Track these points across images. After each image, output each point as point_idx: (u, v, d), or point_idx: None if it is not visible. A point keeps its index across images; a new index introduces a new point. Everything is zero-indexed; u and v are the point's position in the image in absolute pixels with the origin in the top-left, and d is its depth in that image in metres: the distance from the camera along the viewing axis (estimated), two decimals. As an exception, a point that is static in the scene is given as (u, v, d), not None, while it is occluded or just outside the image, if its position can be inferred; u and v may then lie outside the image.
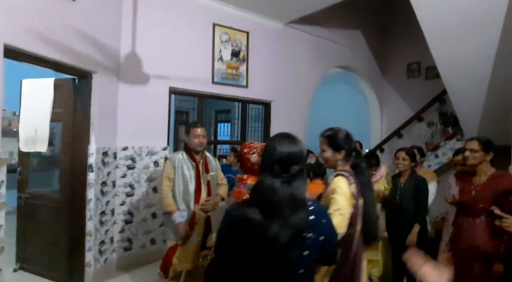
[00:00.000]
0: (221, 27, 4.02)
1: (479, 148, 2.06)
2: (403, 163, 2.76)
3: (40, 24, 2.28)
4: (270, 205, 1.05)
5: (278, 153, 1.10)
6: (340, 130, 1.64)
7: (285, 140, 1.13)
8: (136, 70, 3.41)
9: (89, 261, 2.93)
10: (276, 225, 1.02)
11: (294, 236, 1.03)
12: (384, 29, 6.39)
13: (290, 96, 4.80)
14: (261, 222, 1.03)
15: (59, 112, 2.96)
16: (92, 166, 2.92)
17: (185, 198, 2.47)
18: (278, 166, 1.09)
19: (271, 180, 1.07)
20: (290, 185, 1.07)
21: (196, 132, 2.49)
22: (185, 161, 2.52)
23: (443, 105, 5.20)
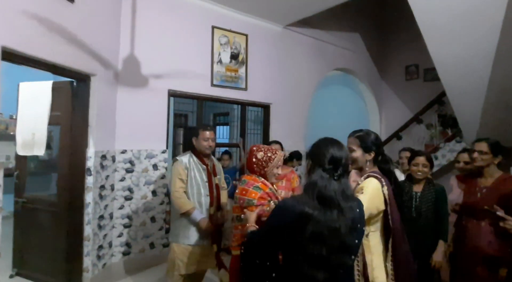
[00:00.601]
0: (220, 29, 4.01)
1: (488, 150, 2.04)
2: (423, 170, 2.28)
3: (38, 26, 2.26)
4: (329, 199, 1.18)
5: (331, 154, 1.24)
6: (370, 132, 1.70)
7: (335, 144, 1.29)
8: (135, 73, 3.39)
9: (87, 266, 2.89)
10: (335, 217, 1.16)
11: (351, 226, 1.19)
12: (383, 31, 6.42)
13: (289, 98, 4.79)
14: (323, 217, 1.16)
15: (57, 116, 2.93)
16: (91, 170, 2.88)
17: (199, 201, 2.42)
18: (331, 165, 1.23)
19: (326, 177, 1.21)
20: (341, 182, 1.23)
21: (206, 135, 2.44)
22: (196, 163, 2.47)
23: (442, 107, 5.22)
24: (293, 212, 1.18)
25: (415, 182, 2.35)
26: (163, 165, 3.60)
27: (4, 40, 2.02)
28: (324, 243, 1.14)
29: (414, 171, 2.33)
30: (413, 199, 2.31)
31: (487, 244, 1.96)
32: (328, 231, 1.14)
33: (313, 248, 1.14)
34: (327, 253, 1.14)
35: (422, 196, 2.28)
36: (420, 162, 2.30)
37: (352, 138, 1.68)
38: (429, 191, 2.28)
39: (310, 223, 1.15)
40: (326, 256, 1.15)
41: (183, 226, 2.40)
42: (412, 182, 2.38)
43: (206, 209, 2.43)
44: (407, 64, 6.12)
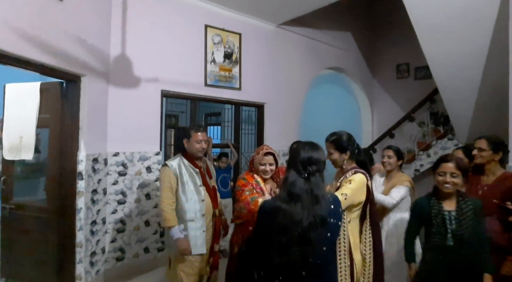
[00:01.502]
0: (213, 28, 3.94)
1: (487, 147, 2.03)
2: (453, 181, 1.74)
3: (25, 25, 2.16)
4: (293, 195, 1.33)
5: (302, 156, 1.40)
6: (343, 134, 1.86)
7: (307, 146, 1.44)
8: (126, 73, 3.29)
9: (79, 273, 2.79)
10: (299, 210, 1.30)
11: (316, 222, 1.31)
12: (374, 30, 6.46)
13: (283, 98, 4.76)
14: (288, 209, 1.32)
15: (46, 118, 2.81)
16: (82, 173, 2.78)
17: (193, 207, 2.25)
18: (301, 166, 1.38)
19: (294, 176, 1.38)
20: (309, 181, 1.36)
21: (198, 137, 2.26)
22: (187, 167, 2.30)
23: (433, 104, 5.27)
24: (266, 206, 1.40)
25: (443, 197, 1.78)
26: (157, 167, 3.51)
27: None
28: (286, 234, 1.30)
29: (440, 182, 1.76)
30: (446, 221, 1.73)
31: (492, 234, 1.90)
32: (291, 222, 1.30)
33: (278, 238, 1.30)
34: (288, 243, 1.30)
35: (460, 216, 1.72)
36: (449, 169, 1.73)
37: (328, 143, 1.87)
38: (467, 207, 1.73)
39: (279, 215, 1.32)
40: (286, 246, 1.30)
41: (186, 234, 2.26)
42: (438, 197, 1.80)
43: (202, 214, 2.27)
44: (398, 63, 6.16)
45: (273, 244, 1.31)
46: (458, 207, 1.75)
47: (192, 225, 2.25)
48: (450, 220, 1.73)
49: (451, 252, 1.72)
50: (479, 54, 3.46)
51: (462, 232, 1.69)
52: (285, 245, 1.29)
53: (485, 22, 3.19)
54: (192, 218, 2.25)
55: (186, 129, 2.36)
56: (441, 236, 1.74)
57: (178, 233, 2.19)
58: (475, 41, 3.37)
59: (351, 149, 1.83)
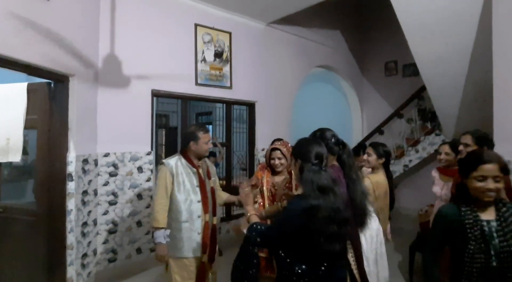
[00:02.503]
0: (203, 27, 3.93)
1: (472, 143, 2.07)
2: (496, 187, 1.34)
3: (11, 24, 2.11)
4: (325, 187, 1.39)
5: (315, 151, 1.50)
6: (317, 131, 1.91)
7: (316, 143, 1.55)
8: (115, 73, 3.26)
9: (70, 276, 2.76)
10: (333, 200, 1.39)
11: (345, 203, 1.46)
12: (363, 29, 6.53)
13: (273, 96, 4.77)
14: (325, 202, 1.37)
15: (34, 119, 2.76)
16: (72, 175, 2.75)
17: (189, 208, 2.20)
18: (317, 160, 1.47)
19: (317, 170, 1.44)
20: (327, 172, 1.47)
21: (207, 138, 2.26)
22: (184, 167, 2.25)
23: (421, 101, 5.36)
24: (303, 209, 1.37)
25: (480, 204, 1.39)
26: (148, 167, 3.49)
27: (-26, 39, 1.88)
28: (334, 222, 1.37)
29: (481, 189, 1.36)
30: (485, 234, 1.33)
31: None
32: (333, 212, 1.37)
33: (330, 228, 1.36)
34: (338, 229, 1.38)
35: (503, 227, 1.33)
36: (491, 172, 1.35)
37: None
38: (510, 215, 1.35)
39: (320, 211, 1.35)
40: (337, 232, 1.37)
41: (172, 238, 2.20)
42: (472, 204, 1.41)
43: (197, 215, 2.21)
44: (387, 61, 6.25)
45: (325, 235, 1.36)
46: (498, 215, 1.36)
47: (187, 226, 2.20)
48: (491, 233, 1.33)
49: (496, 276, 1.31)
50: (464, 52, 3.54)
51: (504, 248, 1.29)
52: (337, 231, 1.38)
53: (470, 21, 3.27)
54: (187, 219, 2.20)
55: (192, 131, 2.28)
56: (482, 254, 1.32)
57: (161, 237, 2.13)
58: (460, 40, 3.45)
59: (329, 146, 1.82)
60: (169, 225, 2.21)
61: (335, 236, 1.38)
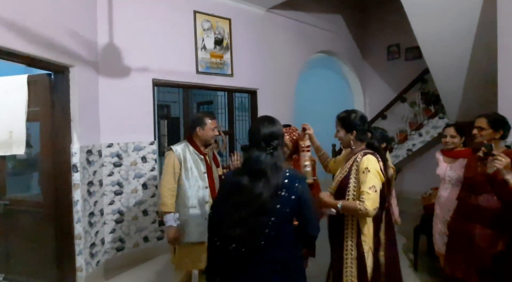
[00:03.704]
0: (202, 14, 3.86)
1: (487, 126, 1.98)
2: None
3: (9, 15, 2.08)
4: (258, 172, 1.34)
5: (262, 132, 1.40)
6: (353, 112, 1.80)
7: (266, 122, 1.44)
8: (116, 63, 3.22)
9: (80, 265, 2.80)
10: (261, 185, 1.32)
11: (273, 193, 1.34)
12: (364, 12, 6.42)
13: (275, 83, 4.73)
14: (248, 184, 1.34)
15: (36, 111, 2.75)
16: (77, 166, 2.76)
17: (197, 194, 2.26)
18: (263, 142, 1.38)
19: (258, 153, 1.38)
20: (273, 156, 1.38)
21: (214, 125, 2.29)
22: (192, 154, 2.28)
23: (424, 84, 5.31)
24: (228, 180, 1.43)
25: None
26: (152, 157, 3.49)
27: (-28, 31, 1.85)
28: (245, 208, 1.33)
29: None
30: None
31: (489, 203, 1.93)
32: (251, 197, 1.32)
33: (235, 212, 1.34)
34: (247, 215, 1.32)
35: None
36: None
37: (336, 120, 1.86)
38: None
39: (238, 190, 1.34)
40: (245, 218, 1.32)
41: (181, 223, 2.24)
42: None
43: (205, 201, 2.28)
44: (389, 44, 6.16)
45: (231, 216, 1.34)
46: None
47: (195, 212, 2.24)
48: None
49: None
50: (467, 32, 3.47)
51: None
52: (243, 218, 1.33)
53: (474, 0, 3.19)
54: (195, 205, 2.24)
55: (199, 117, 2.32)
56: None
57: (172, 221, 2.17)
58: (464, 20, 3.38)
59: (359, 129, 1.76)
60: (177, 210, 2.24)
61: (239, 222, 1.33)
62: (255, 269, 1.40)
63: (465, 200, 2.13)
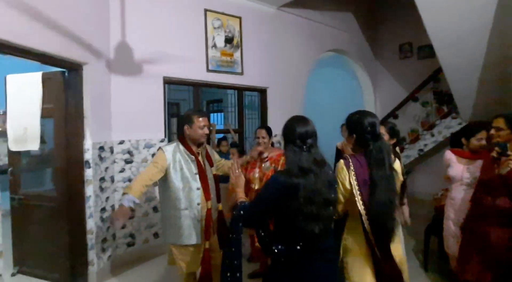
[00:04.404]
0: (212, 12, 3.88)
1: (505, 126, 1.94)
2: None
3: (25, 14, 2.13)
4: (304, 169, 1.40)
5: (298, 131, 1.45)
6: (359, 114, 1.66)
7: (301, 122, 1.49)
8: (127, 60, 3.26)
9: (91, 259, 2.85)
10: (313, 180, 1.39)
11: (328, 185, 1.45)
12: (375, 10, 6.34)
13: (285, 81, 4.72)
14: (305, 182, 1.38)
15: (50, 108, 2.81)
16: (89, 162, 2.80)
17: (188, 196, 2.12)
18: (299, 140, 1.44)
19: (298, 151, 1.44)
20: (311, 152, 1.45)
21: (201, 123, 2.14)
22: (183, 154, 2.15)
23: (437, 84, 5.22)
24: (283, 184, 1.40)
25: None
26: (162, 154, 3.52)
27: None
28: (313, 203, 1.38)
29: None
30: None
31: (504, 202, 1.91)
32: (313, 192, 1.38)
33: (308, 208, 1.37)
34: (317, 210, 1.39)
35: None
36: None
37: None
38: None
39: (300, 190, 1.37)
40: (317, 213, 1.39)
41: (172, 225, 2.13)
42: None
43: (197, 203, 2.13)
44: (401, 43, 6.07)
45: (304, 215, 1.38)
46: None
47: (187, 214, 2.12)
48: None
49: None
50: (482, 30, 3.40)
51: None
52: (315, 212, 1.38)
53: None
54: (187, 207, 2.12)
55: (187, 114, 2.19)
56: None
57: (127, 201, 1.92)
58: (478, 17, 3.31)
59: (357, 134, 1.62)
60: (169, 212, 2.16)
61: (313, 217, 1.38)
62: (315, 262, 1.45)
63: (480, 201, 2.08)
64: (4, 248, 2.11)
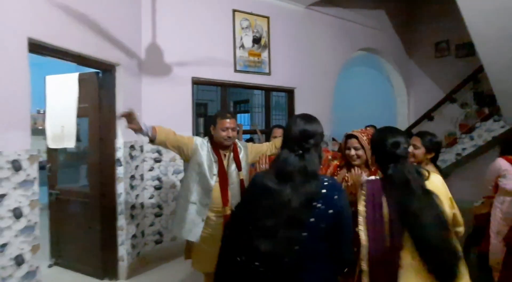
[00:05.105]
0: (241, 13, 3.87)
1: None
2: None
3: (62, 16, 2.22)
4: (284, 174, 1.19)
5: (293, 131, 1.24)
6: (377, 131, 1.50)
7: (300, 120, 1.26)
8: (158, 61, 3.33)
9: (122, 255, 2.93)
10: (288, 191, 1.16)
11: (304, 202, 1.16)
12: (410, 6, 6.06)
13: (313, 82, 4.62)
14: (276, 188, 1.18)
15: (85, 107, 2.93)
16: (120, 160, 2.89)
17: (201, 192, 2.06)
18: (294, 142, 1.22)
19: (287, 153, 1.22)
20: (303, 158, 1.20)
21: (224, 124, 2.05)
22: (208, 151, 2.10)
23: (477, 84, 4.90)
24: (258, 184, 1.26)
25: None
26: (190, 154, 3.56)
27: (31, 32, 1.99)
28: (273, 217, 1.16)
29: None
30: None
31: None
32: (279, 204, 1.16)
33: (263, 221, 1.17)
34: (275, 226, 1.15)
35: None
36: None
37: None
38: None
39: (266, 194, 1.20)
40: (273, 229, 1.15)
41: (178, 216, 2.09)
42: None
43: (206, 203, 2.04)
44: (437, 41, 5.76)
45: (259, 226, 1.18)
46: None
47: (193, 208, 2.06)
48: None
49: None
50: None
51: None
52: (271, 228, 1.15)
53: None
54: (195, 201, 2.06)
55: (214, 116, 2.19)
56: None
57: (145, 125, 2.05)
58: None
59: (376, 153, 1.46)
60: (180, 202, 2.16)
61: (266, 232, 1.15)
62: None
63: None
64: (42, 241, 2.20)
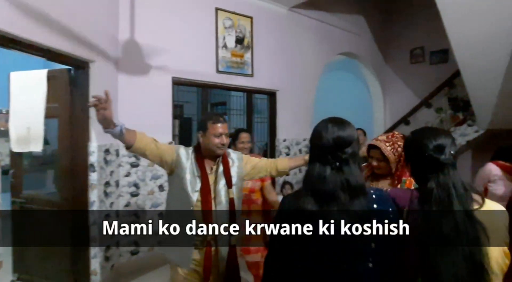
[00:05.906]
0: (224, 12, 3.75)
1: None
2: None
3: (32, 7, 2.00)
4: (323, 194, 0.96)
5: (325, 139, 1.01)
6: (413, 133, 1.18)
7: (332, 126, 1.03)
8: (136, 59, 3.13)
9: (94, 268, 2.70)
10: (335, 213, 0.94)
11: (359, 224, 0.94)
12: (387, 13, 6.22)
13: (295, 84, 4.59)
14: (318, 212, 0.95)
15: (54, 107, 2.67)
16: (94, 165, 2.66)
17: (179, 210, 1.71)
18: (327, 153, 1.00)
19: (320, 168, 1.00)
20: (342, 171, 0.98)
21: (217, 130, 1.69)
22: (191, 163, 1.73)
23: (452, 89, 5.07)
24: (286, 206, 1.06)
25: None
26: (169, 158, 3.38)
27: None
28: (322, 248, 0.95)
29: None
30: None
31: None
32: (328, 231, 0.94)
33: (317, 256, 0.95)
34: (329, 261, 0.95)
35: None
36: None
37: None
38: None
39: (303, 219, 0.97)
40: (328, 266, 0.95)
41: None
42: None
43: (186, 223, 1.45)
44: (412, 47, 5.94)
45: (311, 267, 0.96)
46: None
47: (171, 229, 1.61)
48: None
49: None
50: (506, 34, 3.26)
51: None
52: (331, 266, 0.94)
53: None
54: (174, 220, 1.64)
55: (202, 120, 1.82)
56: None
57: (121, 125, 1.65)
58: (503, 21, 3.17)
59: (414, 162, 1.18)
60: None
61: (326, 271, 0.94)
62: None
63: None
64: (4, 254, 1.95)
